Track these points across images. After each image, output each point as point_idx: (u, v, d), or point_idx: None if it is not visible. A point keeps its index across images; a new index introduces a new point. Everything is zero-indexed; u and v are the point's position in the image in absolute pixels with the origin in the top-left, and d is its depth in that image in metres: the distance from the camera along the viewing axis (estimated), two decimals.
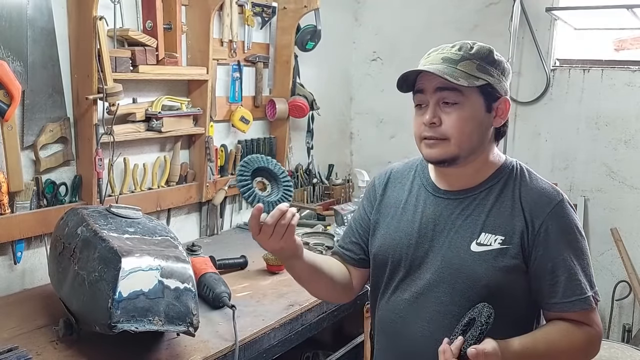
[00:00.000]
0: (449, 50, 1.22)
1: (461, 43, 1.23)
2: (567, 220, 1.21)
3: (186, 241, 2.26)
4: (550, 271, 1.19)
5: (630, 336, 2.65)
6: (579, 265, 1.20)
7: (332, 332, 2.40)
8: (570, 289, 1.18)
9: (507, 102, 1.24)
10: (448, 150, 1.20)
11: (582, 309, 1.19)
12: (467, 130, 1.20)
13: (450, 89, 1.18)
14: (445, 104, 1.20)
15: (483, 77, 1.19)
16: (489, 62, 1.21)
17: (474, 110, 1.20)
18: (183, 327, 1.37)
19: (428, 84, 1.21)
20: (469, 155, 1.22)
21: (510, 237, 1.19)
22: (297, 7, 2.62)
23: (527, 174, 1.27)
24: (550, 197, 1.22)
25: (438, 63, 1.20)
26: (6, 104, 1.68)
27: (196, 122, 2.31)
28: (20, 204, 1.78)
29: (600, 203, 2.75)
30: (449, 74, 1.17)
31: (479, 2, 2.92)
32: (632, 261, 2.63)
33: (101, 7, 1.85)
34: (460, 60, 1.19)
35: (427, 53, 1.27)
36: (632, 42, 2.83)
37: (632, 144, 2.65)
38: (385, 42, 3.26)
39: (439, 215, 1.26)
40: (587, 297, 1.19)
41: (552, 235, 1.19)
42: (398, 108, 3.22)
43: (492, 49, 1.24)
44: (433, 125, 1.21)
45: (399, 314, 1.28)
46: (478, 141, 1.22)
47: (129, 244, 1.40)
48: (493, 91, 1.21)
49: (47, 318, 1.61)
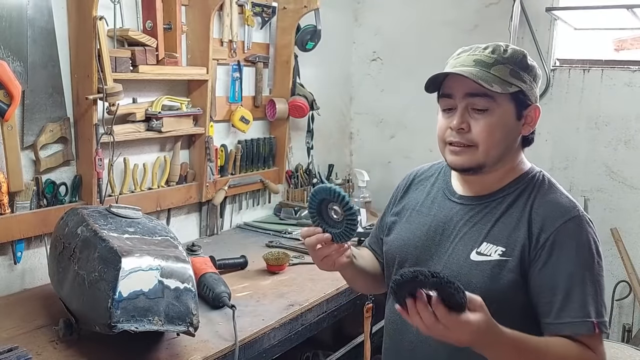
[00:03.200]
0: (482, 53, 1.17)
1: (494, 45, 1.18)
2: (579, 238, 1.11)
3: (186, 241, 2.27)
4: (549, 289, 1.11)
5: (630, 336, 2.65)
6: (583, 287, 1.09)
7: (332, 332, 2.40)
8: (566, 311, 1.09)
9: (537, 109, 1.20)
10: (474, 157, 1.16)
11: (576, 333, 1.08)
12: (495, 138, 1.15)
13: (481, 95, 1.13)
14: (475, 110, 1.15)
15: (516, 83, 1.15)
16: (523, 67, 1.17)
17: (504, 117, 1.15)
18: (183, 327, 1.37)
19: (458, 87, 1.16)
20: (495, 164, 1.18)
21: (511, 249, 1.14)
22: (297, 7, 2.62)
23: (547, 185, 1.21)
24: (563, 211, 1.14)
25: (470, 65, 1.15)
26: (6, 104, 1.68)
27: (196, 122, 2.31)
28: (20, 204, 1.78)
29: (600, 203, 2.75)
30: (482, 78, 1.12)
31: (479, 2, 2.92)
32: (632, 261, 2.63)
33: (101, 7, 1.85)
34: (494, 64, 1.14)
35: (456, 53, 1.22)
36: (632, 42, 2.83)
37: (632, 144, 2.65)
38: (385, 42, 3.26)
39: (449, 220, 1.24)
40: (585, 322, 1.07)
41: (557, 251, 1.10)
42: (398, 108, 3.23)
43: (526, 53, 1.19)
44: (461, 131, 1.16)
45: (399, 314, 1.28)
46: (506, 149, 1.18)
47: (129, 244, 1.40)
48: (525, 98, 1.16)
49: (47, 318, 1.61)
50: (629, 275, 2.62)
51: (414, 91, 3.11)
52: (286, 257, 2.09)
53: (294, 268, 2.12)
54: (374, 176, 2.95)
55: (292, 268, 2.12)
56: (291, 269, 2.10)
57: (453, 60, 1.20)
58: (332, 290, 1.91)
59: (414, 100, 3.07)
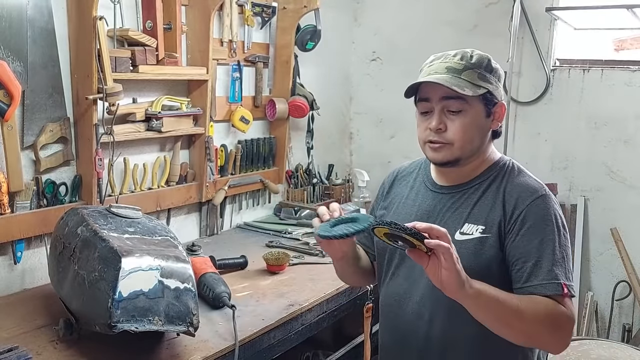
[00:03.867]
0: (452, 60, 1.30)
1: (462, 52, 1.31)
2: (546, 212, 1.25)
3: (186, 241, 2.27)
4: (519, 257, 1.23)
5: (630, 336, 2.65)
6: (551, 255, 1.21)
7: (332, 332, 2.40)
8: (534, 274, 1.20)
9: (503, 106, 1.34)
10: (452, 153, 1.30)
11: (545, 293, 1.19)
12: (469, 135, 1.30)
13: (454, 98, 1.27)
14: (450, 112, 1.29)
15: (484, 85, 1.29)
16: (488, 70, 1.31)
17: (476, 116, 1.30)
18: (183, 327, 1.37)
19: (434, 92, 1.30)
20: (470, 157, 1.33)
21: (490, 227, 1.27)
22: (297, 7, 2.62)
23: (517, 171, 1.35)
24: (532, 191, 1.28)
25: (443, 73, 1.28)
26: (6, 104, 1.68)
27: (196, 122, 2.31)
28: (20, 204, 1.78)
29: (600, 203, 2.75)
30: (455, 84, 1.25)
31: (479, 2, 2.92)
32: (632, 261, 2.63)
33: (101, 7, 1.85)
34: (463, 70, 1.28)
35: (429, 60, 1.35)
36: (632, 42, 2.83)
37: (631, 144, 2.65)
38: (385, 42, 3.26)
39: (433, 208, 1.37)
40: (552, 283, 1.19)
41: (527, 224, 1.23)
42: (398, 108, 3.22)
43: (490, 57, 1.33)
44: (439, 130, 1.30)
45: (394, 297, 1.39)
46: (478, 144, 1.33)
47: (129, 243, 1.40)
48: (492, 97, 1.30)
49: (47, 318, 1.61)
50: (629, 275, 2.62)
51: None
52: (286, 257, 2.10)
53: (294, 268, 2.12)
54: (374, 176, 2.95)
55: (292, 268, 2.12)
56: (291, 269, 2.10)
57: (427, 67, 1.34)
58: (332, 290, 1.91)
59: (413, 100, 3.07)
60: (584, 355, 1.91)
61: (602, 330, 2.80)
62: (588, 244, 2.80)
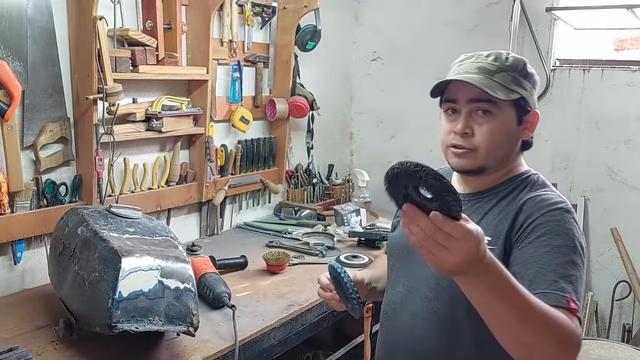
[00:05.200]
0: (484, 60, 1.21)
1: (496, 53, 1.22)
2: (562, 225, 1.11)
3: (186, 241, 2.27)
4: (522, 264, 1.09)
5: (630, 336, 2.65)
6: (560, 269, 1.04)
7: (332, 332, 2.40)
8: (537, 282, 1.04)
9: (536, 115, 1.24)
10: (476, 161, 1.21)
11: (547, 302, 0.98)
12: (497, 143, 1.20)
13: (484, 101, 1.18)
14: (478, 114, 1.19)
15: (518, 90, 1.19)
16: (523, 74, 1.22)
17: (505, 123, 1.20)
18: (183, 327, 1.37)
19: (462, 93, 1.20)
20: (496, 166, 1.23)
21: (496, 239, 1.15)
22: (297, 7, 2.62)
23: (541, 185, 1.24)
24: (551, 203, 1.15)
25: (473, 72, 1.19)
26: (6, 104, 1.68)
27: (196, 122, 2.31)
28: (20, 204, 1.78)
29: (600, 203, 2.75)
30: (486, 85, 1.16)
31: (479, 2, 2.92)
32: (632, 261, 2.63)
33: (101, 7, 1.84)
34: (497, 72, 1.19)
35: (459, 59, 1.27)
36: (632, 42, 2.83)
37: (632, 144, 2.65)
38: (385, 42, 3.26)
39: None
40: (558, 294, 1.01)
41: (538, 233, 1.11)
42: (398, 108, 3.23)
43: (526, 61, 1.24)
44: (465, 135, 1.20)
45: (391, 306, 1.33)
46: (506, 153, 1.23)
47: (129, 244, 1.40)
48: (525, 104, 1.21)
49: (47, 318, 1.61)
50: (629, 275, 2.62)
51: (414, 91, 3.14)
52: (286, 257, 2.09)
53: (294, 268, 2.12)
54: (374, 176, 2.94)
55: (292, 268, 2.12)
56: (291, 269, 2.10)
57: (456, 66, 1.24)
58: None
59: (414, 100, 3.07)
60: (584, 355, 1.91)
61: (602, 331, 2.80)
62: (588, 244, 2.79)
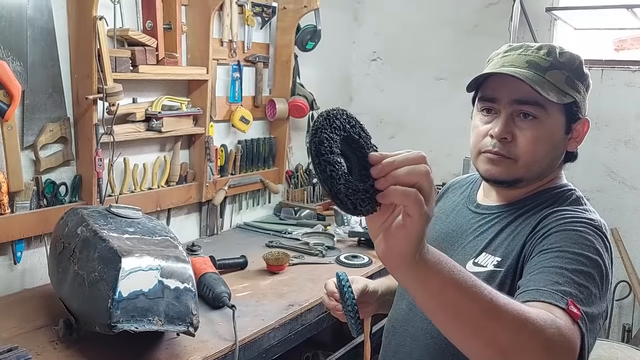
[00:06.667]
0: (535, 53, 1.04)
1: (548, 46, 1.05)
2: (583, 235, 0.93)
3: (186, 241, 2.27)
4: (524, 275, 0.94)
5: (630, 336, 2.65)
6: (567, 271, 0.87)
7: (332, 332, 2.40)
8: (534, 281, 0.88)
9: (587, 124, 1.09)
10: (512, 171, 1.04)
11: (539, 298, 0.82)
12: (540, 153, 1.03)
13: (531, 103, 1.00)
14: (520, 118, 1.02)
15: (571, 93, 1.03)
16: (578, 75, 1.05)
17: (552, 130, 1.03)
18: (183, 327, 1.37)
19: (505, 91, 1.02)
20: (533, 180, 1.07)
21: (506, 259, 1.01)
22: (297, 7, 2.62)
23: (573, 199, 1.06)
24: (576, 217, 0.98)
25: (522, 67, 1.01)
26: (6, 104, 1.68)
27: (196, 122, 2.30)
28: (20, 204, 1.78)
29: (600, 203, 2.75)
30: (538, 83, 0.98)
31: (479, 2, 2.92)
32: (632, 261, 2.63)
33: (101, 7, 1.84)
34: (549, 69, 1.02)
35: (502, 50, 1.10)
36: (632, 42, 2.83)
37: (632, 144, 2.65)
38: (385, 42, 3.26)
39: (459, 229, 1.15)
40: (554, 293, 0.83)
41: (551, 240, 0.94)
42: (398, 108, 3.23)
43: (582, 59, 1.07)
44: (503, 140, 1.03)
45: (392, 323, 1.24)
46: (548, 165, 1.06)
47: (129, 244, 1.40)
48: (577, 110, 1.05)
49: (47, 318, 1.61)
50: (629, 275, 2.62)
51: (414, 91, 3.15)
52: (286, 257, 2.09)
53: (294, 268, 2.12)
54: None
55: (292, 268, 2.11)
56: (291, 269, 2.10)
57: (499, 57, 1.07)
58: None
59: (413, 100, 3.08)
60: None
61: (602, 330, 2.80)
62: None
